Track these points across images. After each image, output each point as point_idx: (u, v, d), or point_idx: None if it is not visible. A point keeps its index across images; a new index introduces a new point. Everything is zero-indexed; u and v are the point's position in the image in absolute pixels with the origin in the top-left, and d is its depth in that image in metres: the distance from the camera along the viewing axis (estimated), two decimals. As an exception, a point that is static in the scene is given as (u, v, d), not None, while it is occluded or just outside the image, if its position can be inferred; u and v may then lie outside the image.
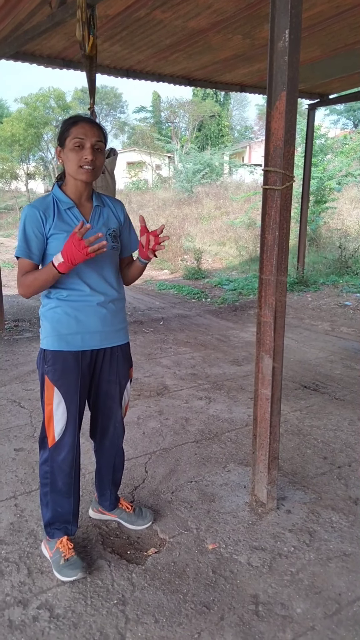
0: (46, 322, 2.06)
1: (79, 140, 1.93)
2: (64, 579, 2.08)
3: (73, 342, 2.04)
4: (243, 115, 54.23)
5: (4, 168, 27.75)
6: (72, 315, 2.03)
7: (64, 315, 2.03)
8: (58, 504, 2.16)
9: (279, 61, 2.08)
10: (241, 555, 2.25)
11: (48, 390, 2.07)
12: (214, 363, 4.92)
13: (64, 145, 1.96)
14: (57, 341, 2.03)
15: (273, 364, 2.35)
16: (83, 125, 1.95)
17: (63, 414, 2.07)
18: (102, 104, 38.65)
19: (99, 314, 2.07)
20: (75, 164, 1.95)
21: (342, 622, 1.91)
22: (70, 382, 2.06)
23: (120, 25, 4.51)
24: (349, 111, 29.88)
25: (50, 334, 2.04)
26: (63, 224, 1.98)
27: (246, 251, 12.28)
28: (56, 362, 2.04)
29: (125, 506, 2.47)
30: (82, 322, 2.04)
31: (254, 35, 4.83)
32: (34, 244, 1.95)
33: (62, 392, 2.05)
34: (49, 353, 2.05)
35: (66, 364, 2.04)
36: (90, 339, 2.07)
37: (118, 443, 2.36)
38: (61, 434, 2.09)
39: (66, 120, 2.00)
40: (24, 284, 1.97)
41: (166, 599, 2.01)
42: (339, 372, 4.64)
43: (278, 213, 2.20)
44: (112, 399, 2.24)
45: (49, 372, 2.05)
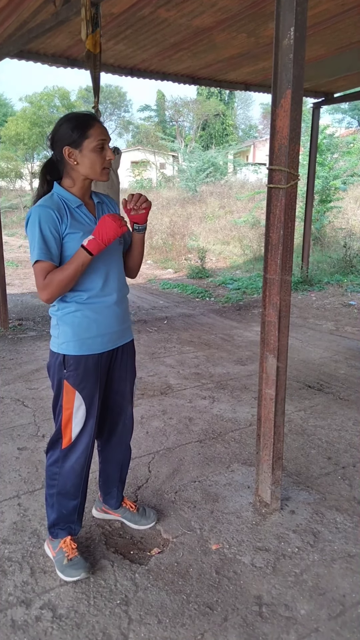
0: (66, 326, 2.00)
1: (101, 142, 1.92)
2: (67, 578, 2.08)
3: (94, 346, 2.03)
4: (247, 114, 54.17)
5: (9, 167, 27.78)
6: (92, 318, 2.01)
7: (84, 319, 2.00)
8: (64, 506, 2.15)
9: (284, 59, 2.06)
10: (245, 555, 2.24)
11: (68, 395, 2.03)
12: (218, 362, 4.91)
13: (80, 147, 1.90)
14: (79, 346, 2.00)
15: (277, 364, 2.34)
16: (99, 126, 1.93)
17: (82, 417, 2.06)
18: (107, 102, 38.65)
19: (115, 314, 2.07)
20: (99, 165, 1.93)
21: (346, 623, 1.89)
22: (92, 385, 2.05)
23: (124, 24, 4.50)
24: (354, 110, 29.78)
25: (72, 338, 1.99)
26: (77, 223, 1.95)
27: (250, 250, 12.26)
28: (78, 367, 2.01)
29: (129, 505, 2.46)
30: (101, 324, 2.03)
31: (259, 34, 4.81)
32: (53, 245, 1.88)
33: (84, 396, 2.04)
34: (71, 358, 2.00)
35: (87, 368, 2.02)
36: (108, 340, 2.07)
37: (126, 440, 2.35)
38: (79, 433, 2.08)
39: (75, 121, 1.92)
40: (51, 285, 1.87)
41: (169, 600, 2.00)
42: (344, 371, 4.62)
43: (283, 212, 2.18)
44: (122, 396, 2.25)
45: (70, 377, 2.01)
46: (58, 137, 1.94)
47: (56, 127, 1.96)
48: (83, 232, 1.93)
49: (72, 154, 1.92)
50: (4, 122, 30.32)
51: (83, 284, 1.97)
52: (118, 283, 2.08)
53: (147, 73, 6.17)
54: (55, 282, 1.87)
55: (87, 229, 1.96)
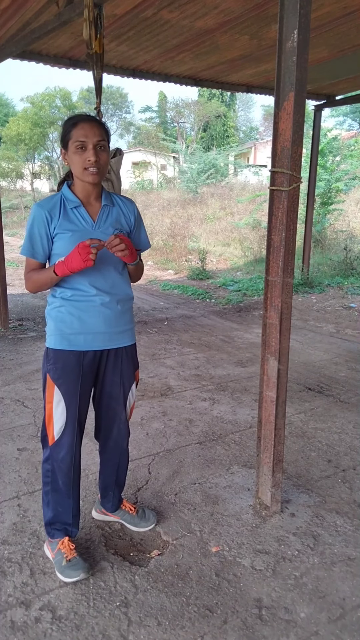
0: (50, 320, 2.08)
1: (80, 143, 1.93)
2: (67, 579, 2.08)
3: (75, 342, 2.04)
4: (249, 116, 54.21)
5: (10, 167, 27.83)
6: (75, 315, 2.03)
7: (67, 314, 2.03)
8: (59, 504, 2.16)
9: (288, 62, 2.06)
10: (245, 558, 2.23)
11: (49, 389, 2.08)
12: (218, 364, 4.90)
13: (67, 148, 1.97)
14: (60, 340, 2.04)
15: (278, 366, 2.34)
16: (83, 126, 1.93)
17: (62, 413, 2.07)
18: (108, 103, 38.68)
19: (102, 315, 2.06)
20: (80, 166, 1.95)
21: (346, 627, 1.89)
22: (71, 382, 2.06)
23: (127, 25, 4.51)
24: (355, 112, 29.78)
25: (54, 332, 2.05)
26: (68, 223, 1.98)
27: (251, 252, 12.26)
28: (57, 361, 2.04)
29: (128, 508, 2.45)
30: (85, 323, 2.04)
31: (261, 36, 4.81)
32: (37, 244, 1.99)
33: (62, 391, 2.05)
34: (52, 352, 2.06)
35: (67, 363, 2.04)
36: (93, 339, 2.06)
37: (122, 444, 2.34)
38: (60, 433, 2.09)
39: (66, 121, 1.99)
40: (29, 280, 2.04)
41: (169, 602, 2.00)
42: (344, 374, 4.62)
43: (285, 214, 2.18)
44: (115, 401, 2.23)
45: (51, 371, 2.06)
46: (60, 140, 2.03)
47: None
48: (72, 233, 1.97)
49: (65, 155, 2.00)
50: (5, 122, 30.35)
51: (70, 282, 2.02)
52: (111, 285, 2.07)
53: (149, 74, 6.17)
54: (32, 280, 2.02)
55: (79, 229, 1.99)
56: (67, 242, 1.95)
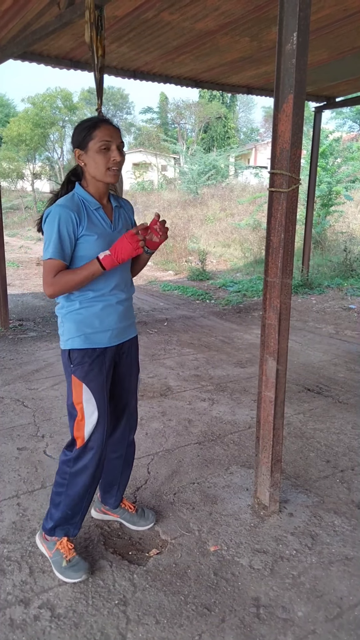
0: (70, 323, 2.06)
1: (105, 143, 1.94)
2: (69, 580, 2.08)
3: (97, 340, 2.07)
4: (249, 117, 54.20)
5: (11, 167, 27.85)
6: (96, 315, 2.05)
7: (88, 316, 2.05)
8: (70, 507, 2.13)
9: (287, 64, 2.08)
10: (243, 557, 2.24)
11: (76, 389, 2.07)
12: (218, 364, 4.91)
13: (86, 148, 1.96)
14: (83, 340, 2.05)
15: (277, 367, 2.35)
16: (107, 127, 1.95)
17: (94, 411, 2.07)
18: (109, 104, 38.74)
19: (118, 312, 2.11)
20: (103, 166, 1.96)
21: (343, 626, 1.90)
22: (99, 379, 2.08)
23: (128, 27, 4.53)
24: (356, 114, 29.81)
25: (76, 334, 2.05)
26: (94, 226, 1.99)
27: (251, 253, 12.28)
28: (83, 360, 2.06)
29: (127, 506, 2.46)
30: (104, 321, 2.07)
31: (262, 38, 4.83)
32: (67, 245, 1.94)
33: (92, 389, 2.06)
34: (75, 352, 2.06)
35: (92, 360, 2.06)
36: (111, 336, 2.11)
37: (129, 436, 2.36)
38: (92, 431, 2.08)
39: (83, 123, 1.99)
40: (58, 283, 1.94)
41: (167, 600, 2.01)
42: (343, 375, 4.63)
43: (284, 215, 2.20)
44: (128, 391, 2.28)
45: (77, 371, 2.06)
46: (72, 140, 2.02)
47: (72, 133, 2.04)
48: (98, 236, 1.98)
49: (81, 156, 1.98)
50: (6, 122, 30.38)
51: (93, 284, 2.02)
52: (125, 283, 2.16)
53: (149, 76, 6.19)
54: (62, 282, 1.93)
55: (103, 232, 2.01)
56: (93, 245, 1.96)
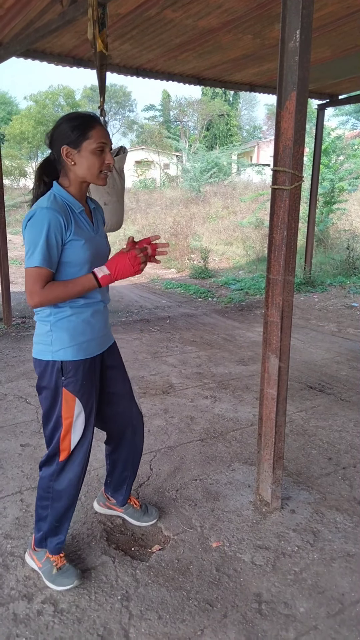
0: (62, 332, 1.93)
1: (101, 145, 1.87)
2: (60, 588, 2.04)
3: (89, 349, 2.00)
4: (252, 114, 54.19)
5: (13, 165, 27.87)
6: (86, 321, 1.97)
7: (80, 323, 1.95)
8: (56, 519, 2.06)
9: (290, 61, 2.08)
10: (245, 553, 2.26)
11: (68, 403, 1.96)
12: (220, 362, 4.92)
13: (79, 148, 1.85)
14: (77, 350, 1.95)
15: (279, 364, 2.35)
16: (102, 129, 1.89)
17: (82, 424, 2.00)
18: (111, 102, 38.71)
19: (104, 317, 2.07)
20: (96, 168, 1.88)
21: (345, 622, 1.91)
22: (90, 390, 2.02)
23: (130, 24, 4.53)
24: (359, 112, 29.73)
25: (69, 344, 1.93)
26: (80, 230, 1.89)
27: (253, 251, 12.27)
28: (77, 373, 1.95)
29: (132, 502, 2.47)
30: (94, 328, 2.00)
31: (264, 35, 4.82)
32: (54, 253, 1.81)
33: (83, 402, 1.99)
34: (70, 364, 1.94)
35: (86, 372, 1.98)
36: (100, 343, 2.05)
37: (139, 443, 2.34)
38: (77, 443, 2.02)
39: (78, 120, 1.86)
40: (48, 295, 1.81)
41: (170, 596, 2.02)
42: (345, 373, 4.63)
43: (286, 213, 2.20)
44: (125, 398, 2.24)
45: (70, 384, 1.95)
46: (57, 135, 1.88)
47: (57, 124, 1.90)
48: (85, 240, 1.88)
49: (70, 154, 1.86)
50: (9, 120, 30.40)
51: None
52: (107, 289, 2.09)
53: (152, 73, 6.19)
54: (53, 295, 1.82)
55: (89, 236, 1.91)
56: (80, 250, 1.85)
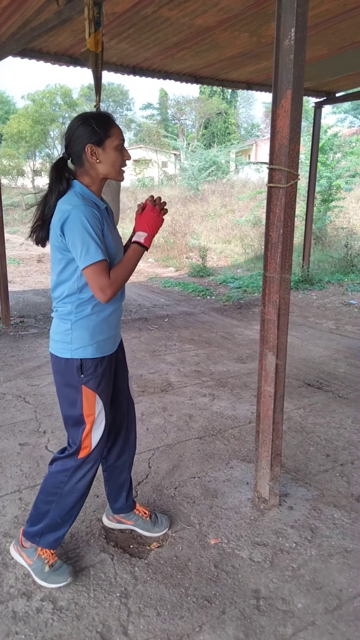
0: (82, 330, 1.95)
1: (121, 142, 1.93)
2: (52, 585, 2.03)
3: (107, 347, 2.03)
4: (250, 112, 54.12)
5: (11, 164, 27.84)
6: (105, 319, 2.00)
7: (100, 321, 1.98)
8: (60, 515, 2.06)
9: (285, 59, 2.08)
10: (243, 550, 2.27)
11: (89, 400, 1.99)
12: (218, 360, 4.93)
13: (103, 145, 1.88)
14: (96, 348, 1.98)
15: (276, 361, 2.36)
16: (118, 127, 1.94)
17: (102, 421, 2.03)
18: (109, 101, 38.69)
19: (119, 315, 2.10)
20: (118, 165, 1.94)
21: (342, 617, 1.92)
22: (108, 387, 2.06)
23: (127, 23, 4.52)
24: (356, 109, 29.73)
25: (89, 342, 1.96)
26: (108, 225, 1.94)
27: (251, 249, 12.27)
28: (96, 370, 1.98)
29: (141, 512, 2.40)
30: (112, 325, 2.03)
31: (261, 33, 4.82)
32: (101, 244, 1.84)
33: (103, 399, 2.02)
34: (89, 361, 1.97)
35: (104, 369, 2.02)
36: (115, 340, 2.09)
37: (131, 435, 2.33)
38: (97, 442, 2.04)
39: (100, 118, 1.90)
40: (116, 281, 1.85)
41: (168, 593, 2.03)
42: (343, 370, 4.65)
43: (282, 211, 2.21)
44: (124, 393, 2.26)
45: (90, 381, 1.97)
46: (79, 135, 1.89)
47: (75, 125, 1.91)
48: (112, 236, 1.93)
49: (95, 152, 1.89)
50: (6, 119, 30.38)
51: None
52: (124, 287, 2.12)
53: (149, 72, 6.19)
54: (120, 279, 1.87)
55: (114, 231, 2.00)
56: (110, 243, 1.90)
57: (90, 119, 1.89)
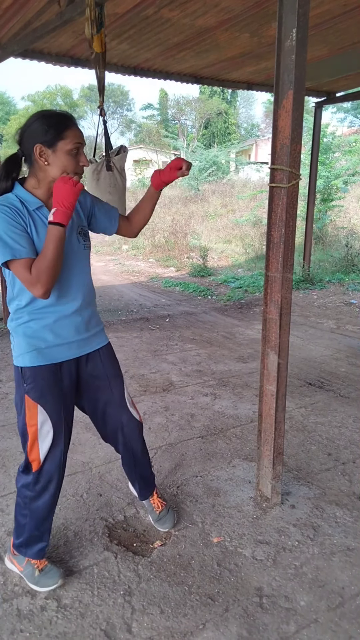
0: (20, 338, 1.90)
1: (77, 145, 1.80)
2: (44, 589, 2.03)
3: (53, 355, 1.92)
4: (250, 112, 54.10)
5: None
6: (48, 327, 1.89)
7: (40, 329, 1.89)
8: (35, 527, 2.04)
9: (286, 60, 2.09)
10: (246, 548, 2.28)
11: (30, 410, 1.92)
12: (220, 360, 4.94)
13: (54, 147, 1.77)
14: (35, 356, 1.89)
15: (278, 360, 2.37)
16: (77, 129, 1.82)
17: (49, 432, 1.94)
18: (109, 101, 38.71)
19: (75, 323, 1.95)
20: (71, 170, 1.80)
21: (345, 615, 1.93)
22: (55, 398, 1.94)
23: (128, 24, 4.54)
24: (357, 109, 29.76)
25: (26, 349, 1.89)
26: (39, 227, 1.82)
27: (252, 249, 12.28)
28: (36, 379, 1.90)
29: (155, 503, 2.40)
30: (58, 334, 1.91)
31: (262, 34, 4.83)
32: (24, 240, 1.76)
33: (48, 410, 1.93)
34: (28, 370, 1.90)
35: (47, 379, 1.92)
36: (68, 349, 1.95)
37: (132, 445, 2.23)
38: (47, 453, 1.97)
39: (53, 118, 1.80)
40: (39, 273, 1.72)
41: (172, 591, 2.04)
42: (344, 369, 4.65)
43: (284, 210, 2.22)
44: (113, 406, 2.14)
45: (31, 391, 1.91)
46: (30, 133, 1.80)
47: (29, 121, 1.82)
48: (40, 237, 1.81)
49: (43, 153, 1.78)
50: (7, 120, 30.39)
51: None
52: (81, 290, 1.96)
53: (150, 72, 6.20)
54: (43, 269, 1.72)
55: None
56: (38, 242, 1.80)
57: (45, 117, 1.79)
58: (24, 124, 1.85)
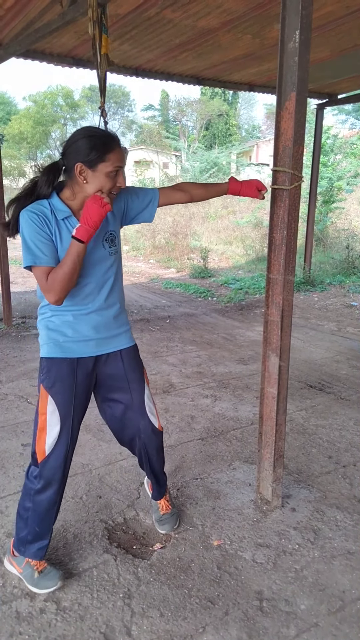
0: (43, 331, 2.04)
1: (116, 169, 1.86)
2: (42, 591, 2.02)
3: (69, 349, 2.00)
4: (251, 114, 54.20)
5: (12, 165, 27.87)
6: (68, 323, 1.99)
7: (60, 324, 1.99)
8: (38, 524, 2.05)
9: (289, 62, 2.09)
10: (246, 551, 2.27)
11: (42, 399, 2.01)
12: (220, 362, 4.93)
13: (94, 168, 1.83)
14: (52, 348, 2.00)
15: (280, 363, 2.37)
16: (119, 151, 1.87)
17: (56, 424, 1.99)
18: (111, 102, 38.71)
19: (93, 322, 2.01)
20: (106, 189, 1.86)
21: (345, 619, 1.92)
22: (66, 392, 2.00)
23: (130, 25, 4.53)
24: (358, 111, 29.75)
25: (46, 341, 2.01)
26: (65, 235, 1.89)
27: (253, 250, 12.28)
28: (51, 370, 2.00)
29: (162, 505, 2.42)
30: (77, 330, 2.00)
31: (264, 35, 4.83)
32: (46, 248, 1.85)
33: (57, 402, 1.99)
34: (44, 360, 2.02)
35: (60, 371, 1.99)
36: (85, 346, 2.02)
37: (149, 452, 2.25)
38: (52, 447, 2.00)
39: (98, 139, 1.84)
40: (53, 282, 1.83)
41: (171, 594, 2.03)
42: (345, 372, 4.65)
43: (286, 213, 2.21)
44: (129, 410, 2.16)
45: (45, 380, 2.01)
46: (73, 150, 1.85)
47: (75, 137, 1.87)
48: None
49: (83, 172, 1.83)
50: (8, 120, 30.41)
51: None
52: (103, 292, 2.02)
53: (152, 73, 6.19)
54: (58, 280, 1.82)
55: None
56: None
57: (91, 137, 1.84)
58: (70, 138, 1.90)
